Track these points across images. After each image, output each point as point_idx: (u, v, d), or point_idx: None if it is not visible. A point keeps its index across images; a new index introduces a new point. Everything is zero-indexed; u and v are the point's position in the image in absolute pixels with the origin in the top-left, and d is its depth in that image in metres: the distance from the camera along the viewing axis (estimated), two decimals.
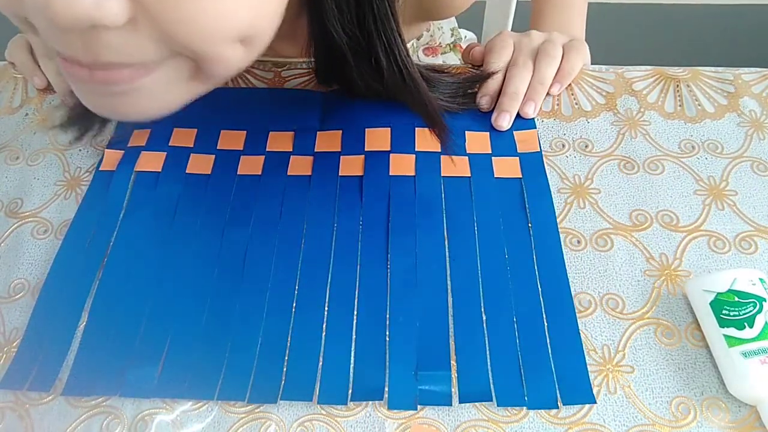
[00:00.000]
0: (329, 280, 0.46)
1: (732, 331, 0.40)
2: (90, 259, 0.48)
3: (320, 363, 0.43)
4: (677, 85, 0.58)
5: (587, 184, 0.52)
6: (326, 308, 0.45)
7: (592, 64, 0.60)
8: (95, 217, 0.51)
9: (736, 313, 0.41)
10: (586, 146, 0.54)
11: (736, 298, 0.41)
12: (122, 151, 0.55)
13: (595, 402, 0.41)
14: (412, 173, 0.52)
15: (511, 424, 0.41)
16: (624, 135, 0.54)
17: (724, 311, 0.41)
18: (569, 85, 0.58)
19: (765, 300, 0.41)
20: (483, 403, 0.41)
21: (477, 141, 0.54)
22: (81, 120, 0.54)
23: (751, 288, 0.41)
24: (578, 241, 0.48)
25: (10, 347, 0.45)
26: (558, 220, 0.49)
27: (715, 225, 0.49)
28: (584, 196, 0.51)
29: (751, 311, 0.40)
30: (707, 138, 0.54)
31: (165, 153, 0.54)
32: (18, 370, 0.43)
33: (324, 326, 0.44)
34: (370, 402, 0.42)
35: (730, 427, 0.40)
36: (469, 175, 0.52)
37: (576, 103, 0.57)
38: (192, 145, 0.55)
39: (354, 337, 0.44)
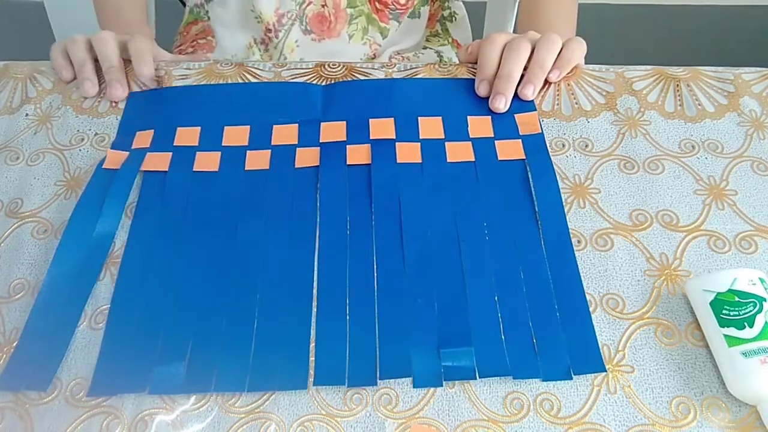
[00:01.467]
0: (347, 268, 0.47)
1: (732, 331, 0.40)
2: (91, 257, 0.49)
3: (347, 348, 0.44)
4: (677, 85, 0.58)
5: (587, 183, 0.52)
6: (347, 295, 0.46)
7: (592, 64, 0.60)
8: (96, 215, 0.51)
9: (736, 313, 0.41)
10: (586, 146, 0.54)
11: (736, 298, 0.41)
12: (126, 153, 0.55)
13: (606, 371, 0.42)
14: (419, 160, 0.53)
15: (511, 424, 0.41)
16: (624, 135, 0.54)
17: (724, 311, 0.41)
18: (569, 84, 0.58)
19: (765, 300, 0.41)
20: (483, 402, 0.41)
21: (479, 125, 0.55)
22: None
23: (751, 288, 0.41)
24: (578, 241, 0.48)
25: (10, 347, 0.45)
26: None
27: (715, 225, 0.49)
28: (584, 196, 0.51)
29: (751, 311, 0.40)
30: (707, 138, 0.54)
31: (171, 153, 0.55)
32: (15, 370, 0.44)
33: (347, 313, 0.45)
34: (370, 402, 0.42)
35: (730, 427, 0.40)
36: (474, 159, 0.53)
37: (576, 103, 0.57)
38: (197, 144, 0.55)
39: (376, 321, 0.45)
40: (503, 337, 0.44)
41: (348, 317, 0.45)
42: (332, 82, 0.59)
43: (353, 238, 0.49)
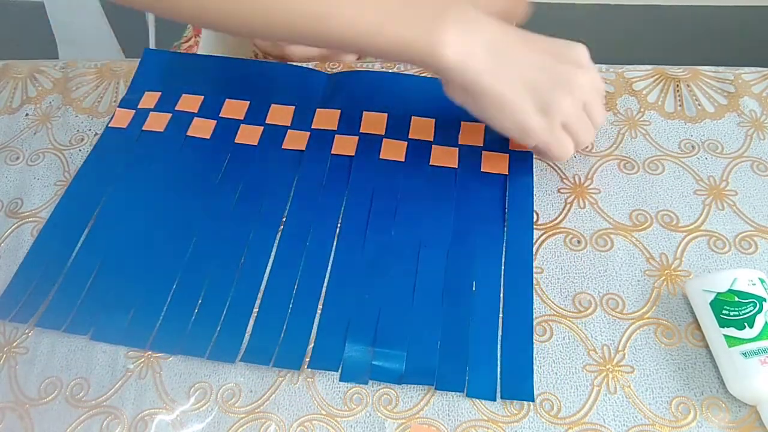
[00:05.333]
0: (304, 253, 0.48)
1: (732, 331, 0.40)
2: (90, 207, 0.51)
3: (283, 330, 0.45)
4: (677, 85, 0.58)
5: (587, 184, 0.52)
6: (297, 279, 0.47)
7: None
8: (103, 169, 0.54)
9: (736, 313, 0.41)
10: (586, 146, 0.54)
11: (736, 298, 0.41)
12: (133, 111, 0.57)
13: (534, 401, 0.41)
14: (402, 159, 0.53)
15: (511, 424, 0.41)
16: (624, 135, 0.54)
17: (724, 311, 0.41)
18: None
19: (765, 300, 0.41)
20: (483, 402, 0.41)
21: (470, 132, 0.54)
22: None
23: (751, 288, 0.41)
24: (578, 241, 0.48)
25: (10, 347, 0.45)
26: (558, 220, 0.50)
27: (715, 225, 0.49)
28: (584, 196, 0.51)
29: (751, 311, 0.40)
30: (707, 138, 0.54)
31: (170, 115, 0.57)
32: (4, 303, 0.47)
33: (293, 296, 0.46)
34: (370, 402, 0.42)
35: (730, 427, 0.40)
36: (456, 166, 0.52)
37: None
38: (197, 111, 0.57)
39: (319, 308, 0.46)
40: (439, 346, 0.43)
41: (292, 301, 0.46)
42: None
43: (318, 225, 0.50)
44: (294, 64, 0.61)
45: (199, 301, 0.46)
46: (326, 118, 0.56)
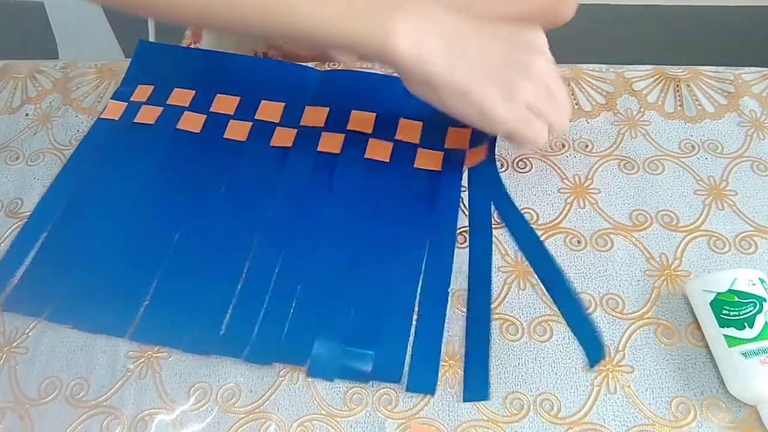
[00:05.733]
0: (283, 250, 0.48)
1: (732, 331, 0.40)
2: (77, 197, 0.52)
3: (257, 325, 0.45)
4: (677, 85, 0.58)
5: (587, 184, 0.52)
6: (274, 275, 0.47)
7: (592, 63, 0.60)
8: (93, 160, 0.54)
9: (736, 313, 0.41)
10: (586, 146, 0.54)
11: (736, 298, 0.41)
12: (125, 103, 0.57)
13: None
14: (387, 160, 0.53)
15: (511, 424, 0.41)
16: (624, 135, 0.54)
17: (724, 311, 0.41)
18: (569, 84, 0.58)
19: (765, 300, 0.41)
20: (483, 402, 0.41)
21: (457, 136, 0.54)
22: None
23: (751, 288, 0.41)
24: (578, 241, 0.48)
25: (10, 347, 0.45)
26: (558, 220, 0.50)
27: (715, 225, 0.49)
28: (584, 196, 0.51)
29: (751, 311, 0.40)
30: (707, 138, 0.54)
31: (161, 108, 0.57)
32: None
33: (269, 292, 0.46)
34: (370, 402, 0.42)
35: (730, 427, 0.40)
36: (440, 170, 0.52)
37: (576, 103, 0.57)
38: (187, 105, 0.57)
39: (293, 307, 0.46)
40: (411, 349, 0.44)
41: (268, 297, 0.46)
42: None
43: (300, 223, 0.50)
44: (286, 61, 0.61)
45: (178, 295, 0.46)
46: (314, 116, 0.56)
